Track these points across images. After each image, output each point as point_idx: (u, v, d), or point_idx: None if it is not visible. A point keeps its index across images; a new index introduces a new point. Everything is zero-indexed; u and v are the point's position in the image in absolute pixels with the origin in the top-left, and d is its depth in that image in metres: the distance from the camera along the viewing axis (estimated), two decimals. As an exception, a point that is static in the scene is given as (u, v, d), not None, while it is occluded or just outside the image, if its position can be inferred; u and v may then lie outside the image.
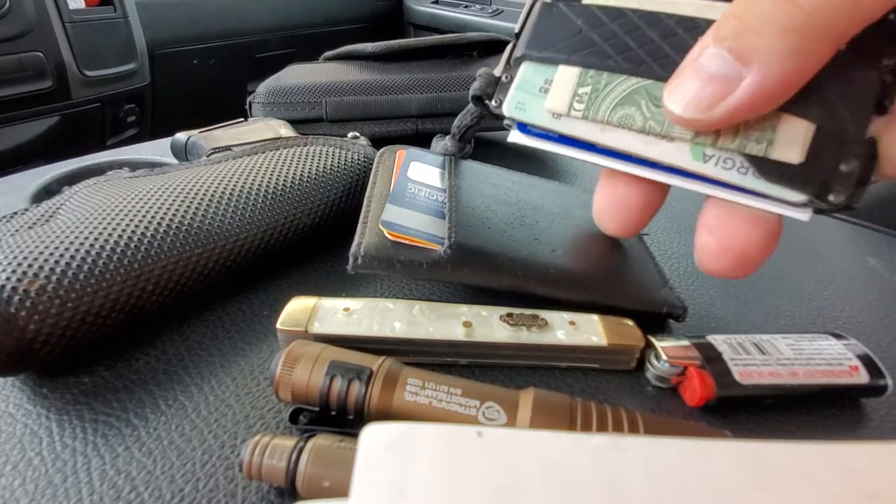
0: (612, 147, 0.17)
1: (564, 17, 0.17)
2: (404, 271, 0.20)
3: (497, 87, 0.19)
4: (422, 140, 0.38)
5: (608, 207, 0.19)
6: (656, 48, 0.16)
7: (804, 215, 0.15)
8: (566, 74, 0.17)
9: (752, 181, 0.15)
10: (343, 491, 0.14)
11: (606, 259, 0.24)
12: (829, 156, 0.14)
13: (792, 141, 0.14)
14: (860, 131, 0.14)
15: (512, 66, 0.18)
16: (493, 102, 0.19)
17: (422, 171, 0.26)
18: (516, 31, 0.19)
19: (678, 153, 0.16)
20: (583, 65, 0.17)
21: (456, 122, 0.27)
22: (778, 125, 0.14)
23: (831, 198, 0.14)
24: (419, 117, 0.40)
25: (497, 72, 0.19)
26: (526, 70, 0.18)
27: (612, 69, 0.16)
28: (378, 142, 0.35)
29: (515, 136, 0.19)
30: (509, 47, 0.19)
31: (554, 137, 0.18)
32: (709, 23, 0.15)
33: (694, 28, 0.15)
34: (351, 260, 0.20)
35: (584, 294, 0.22)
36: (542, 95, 0.17)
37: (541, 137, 0.18)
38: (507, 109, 0.18)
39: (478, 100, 0.20)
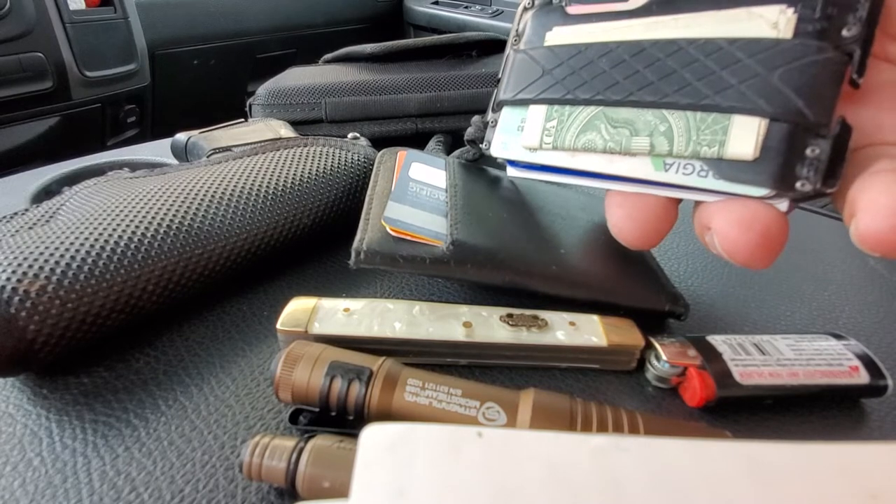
0: (583, 169, 0.18)
1: (531, 62, 0.19)
2: (407, 267, 0.20)
3: (486, 130, 0.22)
4: (421, 139, 0.38)
5: (625, 222, 0.18)
6: (606, 77, 0.17)
7: (781, 204, 0.15)
8: (536, 112, 0.19)
9: (713, 182, 0.15)
10: (343, 491, 0.14)
11: (608, 257, 0.24)
12: (788, 146, 0.14)
13: (744, 138, 0.14)
14: (823, 114, 0.14)
15: (496, 111, 0.21)
16: (483, 145, 0.22)
17: (423, 171, 0.26)
18: (498, 77, 0.21)
19: (641, 166, 0.17)
20: (547, 102, 0.19)
21: (458, 152, 0.30)
22: (729, 126, 0.15)
23: (798, 186, 0.14)
24: (418, 117, 0.40)
25: (486, 118, 0.22)
26: (505, 113, 0.20)
27: (572, 102, 0.18)
28: (378, 142, 0.35)
29: (511, 172, 0.21)
30: (495, 93, 0.21)
31: (541, 168, 0.20)
32: (652, 43, 0.16)
33: (639, 51, 0.16)
34: (353, 255, 0.20)
35: (586, 292, 0.22)
36: (519, 133, 0.20)
37: (531, 169, 0.20)
38: (494, 150, 0.21)
39: (472, 142, 0.23)
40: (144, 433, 0.18)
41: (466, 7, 1.50)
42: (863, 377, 0.19)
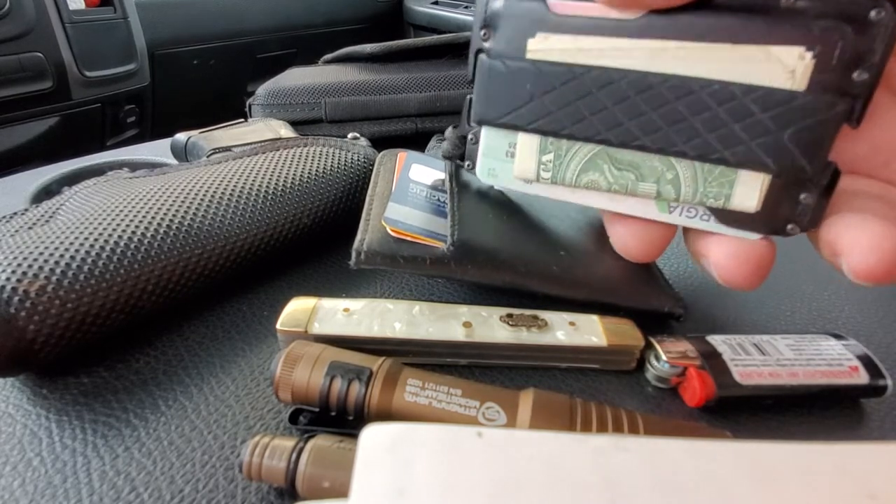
0: (584, 204, 0.18)
1: (513, 78, 0.17)
2: (407, 267, 0.20)
3: (466, 146, 0.19)
4: (422, 139, 0.38)
5: (629, 237, 0.18)
6: (609, 115, 0.15)
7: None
8: (527, 141, 0.17)
9: (714, 226, 0.16)
10: (343, 491, 0.14)
11: (607, 258, 0.24)
12: (785, 197, 0.15)
13: (749, 193, 0.15)
14: (819, 166, 0.14)
15: (472, 127, 0.18)
16: (466, 164, 0.19)
17: (423, 172, 0.26)
18: (469, 77, 0.18)
19: (644, 207, 0.17)
20: (541, 133, 0.17)
21: (446, 164, 0.28)
22: (735, 180, 0.15)
23: (789, 229, 0.15)
24: (418, 116, 0.40)
25: (461, 131, 0.19)
26: (487, 135, 0.18)
27: (570, 138, 0.16)
28: (378, 142, 0.35)
29: (497, 183, 0.19)
30: (467, 101, 0.19)
31: None
32: (661, 81, 0.15)
33: (646, 88, 0.15)
34: (354, 255, 0.20)
35: (586, 292, 0.22)
36: (509, 160, 0.18)
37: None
38: (480, 175, 0.18)
39: (449, 160, 0.20)
40: (144, 433, 0.18)
41: (466, 7, 1.50)
42: (862, 377, 0.19)
